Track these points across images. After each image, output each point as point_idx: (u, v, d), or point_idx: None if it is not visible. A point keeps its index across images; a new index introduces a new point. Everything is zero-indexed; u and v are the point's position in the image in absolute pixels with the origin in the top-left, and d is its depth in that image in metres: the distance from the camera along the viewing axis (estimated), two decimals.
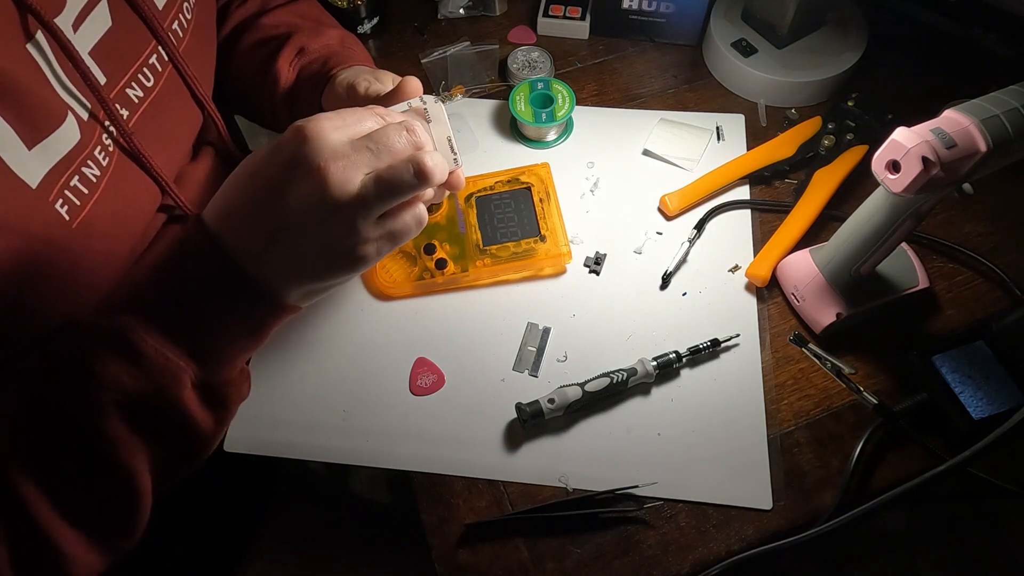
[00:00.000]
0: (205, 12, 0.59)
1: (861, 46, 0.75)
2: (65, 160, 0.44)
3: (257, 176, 0.41)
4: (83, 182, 0.46)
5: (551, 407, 0.56)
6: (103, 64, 0.47)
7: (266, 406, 0.60)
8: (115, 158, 0.49)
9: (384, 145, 0.41)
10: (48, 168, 0.43)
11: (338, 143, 0.40)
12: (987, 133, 0.45)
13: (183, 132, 0.59)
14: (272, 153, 0.40)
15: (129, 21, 0.49)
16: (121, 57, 0.49)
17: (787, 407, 0.59)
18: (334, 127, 0.40)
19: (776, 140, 0.71)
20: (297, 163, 0.39)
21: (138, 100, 0.50)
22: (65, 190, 0.44)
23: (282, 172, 0.39)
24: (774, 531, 0.54)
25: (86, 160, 0.46)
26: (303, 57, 0.62)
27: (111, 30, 0.48)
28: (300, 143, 0.39)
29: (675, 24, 0.81)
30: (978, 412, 0.55)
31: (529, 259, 0.64)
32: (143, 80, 0.51)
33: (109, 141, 0.48)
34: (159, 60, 0.52)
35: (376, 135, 0.41)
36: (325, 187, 0.39)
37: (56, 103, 0.43)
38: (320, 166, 0.39)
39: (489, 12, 0.86)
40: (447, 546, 0.54)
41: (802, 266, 0.61)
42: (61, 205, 0.44)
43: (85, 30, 0.45)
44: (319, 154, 0.39)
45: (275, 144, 0.40)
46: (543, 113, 0.72)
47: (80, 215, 0.46)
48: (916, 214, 0.52)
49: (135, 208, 0.52)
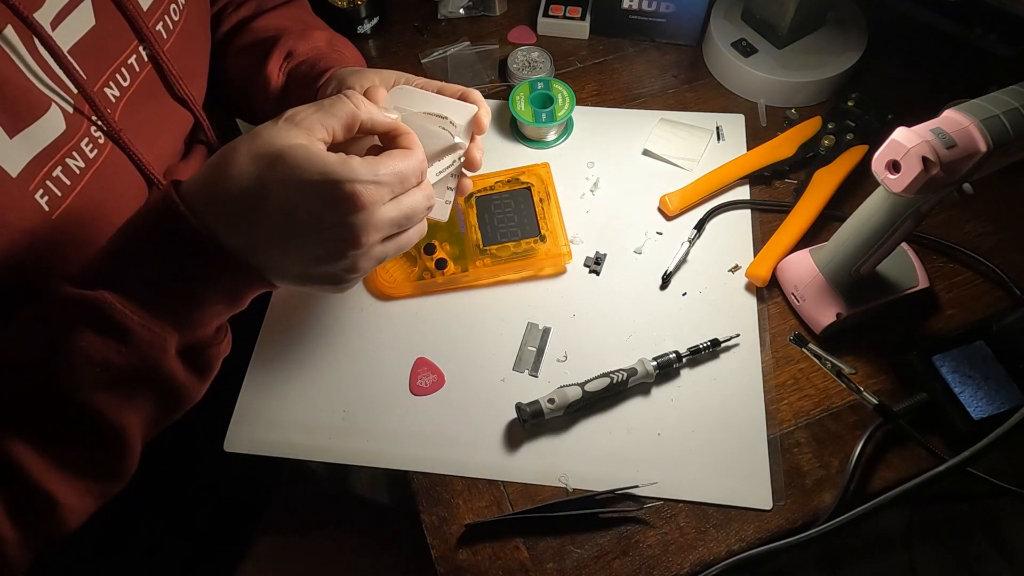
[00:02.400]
0: (195, 14, 0.59)
1: (861, 46, 0.75)
2: (49, 149, 0.44)
3: (270, 196, 0.40)
4: (66, 173, 0.46)
5: (551, 407, 0.56)
6: (83, 62, 0.47)
7: (266, 406, 0.60)
8: (106, 152, 0.49)
9: (413, 217, 0.45)
10: (30, 157, 0.43)
11: (386, 220, 0.43)
12: (987, 133, 0.45)
13: (170, 131, 0.59)
14: (303, 185, 0.40)
15: (113, 20, 0.49)
16: (100, 56, 0.49)
17: (787, 407, 0.59)
18: (388, 205, 0.43)
19: (776, 140, 0.71)
20: (337, 225, 0.41)
21: (115, 99, 0.51)
22: (47, 180, 0.44)
23: (311, 213, 0.40)
24: (774, 531, 0.54)
25: (71, 152, 0.46)
26: (291, 60, 0.62)
27: (94, 29, 0.48)
28: (351, 211, 0.40)
29: (675, 24, 0.81)
30: (978, 412, 0.55)
31: (529, 259, 0.64)
32: (120, 79, 0.51)
33: (99, 134, 0.48)
34: (138, 60, 0.52)
35: (410, 209, 0.44)
36: (350, 243, 0.42)
37: (36, 94, 0.43)
38: (359, 238, 0.41)
39: (489, 12, 0.86)
40: (447, 546, 0.54)
41: (802, 266, 0.61)
42: (42, 196, 0.44)
43: (65, 28, 0.45)
44: (364, 230, 0.41)
45: (307, 172, 0.40)
46: (543, 113, 0.72)
47: (61, 206, 0.46)
48: (916, 214, 0.52)
49: (120, 201, 0.52)
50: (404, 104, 0.50)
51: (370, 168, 0.41)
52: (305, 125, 0.41)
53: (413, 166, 0.44)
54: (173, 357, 0.42)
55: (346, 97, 0.43)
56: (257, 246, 0.41)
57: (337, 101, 0.43)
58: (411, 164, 0.44)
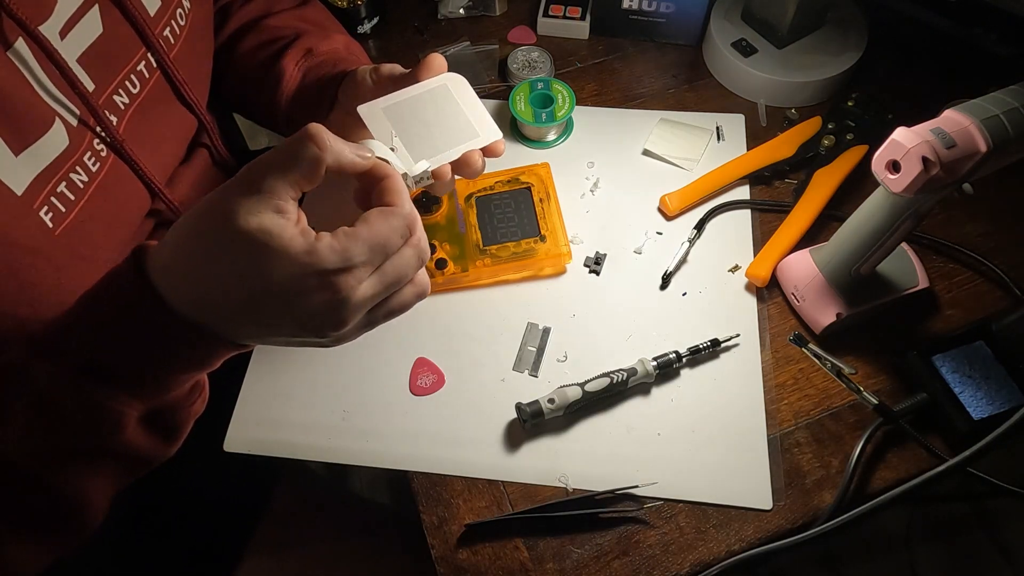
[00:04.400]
0: (200, 19, 0.59)
1: (861, 46, 0.75)
2: (52, 166, 0.44)
3: (238, 287, 0.36)
4: (70, 188, 0.45)
5: (551, 407, 0.56)
6: (91, 71, 0.47)
7: (266, 406, 0.60)
8: (108, 164, 0.49)
9: (400, 281, 0.40)
10: (35, 175, 0.43)
11: (367, 298, 0.38)
12: (987, 133, 0.45)
13: (175, 137, 0.59)
14: (270, 281, 0.35)
15: (120, 28, 0.49)
16: (109, 64, 0.49)
17: (787, 407, 0.59)
18: (367, 282, 0.37)
19: (776, 140, 0.71)
20: (312, 314, 0.36)
21: (124, 107, 0.50)
22: (52, 196, 0.44)
23: (284, 306, 0.36)
24: (774, 531, 0.54)
25: (74, 166, 0.45)
26: (310, 59, 0.62)
27: (101, 37, 0.48)
28: (326, 302, 0.36)
29: (675, 24, 0.81)
30: (978, 412, 0.55)
31: (529, 259, 0.64)
32: (129, 87, 0.51)
33: (101, 147, 0.48)
34: (147, 67, 0.52)
35: (395, 276, 0.39)
36: (330, 326, 0.38)
37: (43, 109, 0.43)
38: (338, 322, 0.37)
39: (489, 12, 0.86)
40: (447, 546, 0.54)
41: (802, 266, 0.61)
42: (46, 212, 0.44)
43: (73, 37, 0.45)
44: (342, 314, 0.37)
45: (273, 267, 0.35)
46: (543, 113, 0.72)
47: (64, 222, 0.45)
48: (916, 214, 0.52)
49: (123, 213, 0.52)
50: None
51: (341, 253, 0.36)
52: (267, 189, 0.35)
53: (395, 227, 0.38)
54: (134, 426, 0.39)
55: (309, 137, 0.36)
56: (227, 322, 0.38)
57: (299, 146, 0.36)
58: (393, 225, 0.38)
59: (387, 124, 0.49)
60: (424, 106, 0.51)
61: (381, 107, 0.50)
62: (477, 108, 0.52)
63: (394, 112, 0.50)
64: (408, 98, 0.51)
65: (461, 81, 0.52)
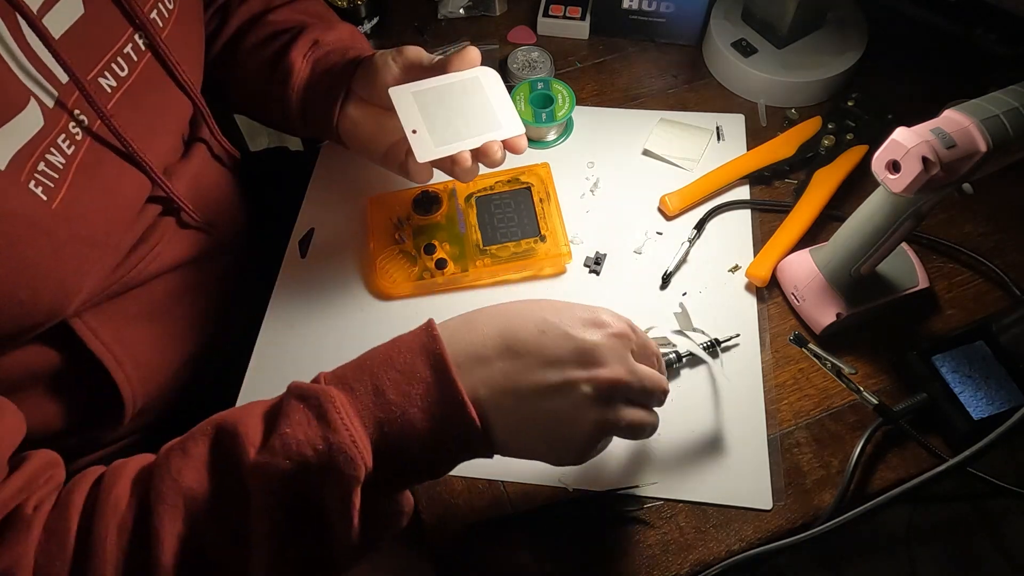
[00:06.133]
0: (189, 4, 0.58)
1: (861, 46, 0.75)
2: (28, 146, 0.43)
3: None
4: (50, 167, 0.45)
5: None
6: (73, 52, 0.46)
7: None
8: (84, 147, 0.48)
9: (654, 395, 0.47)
10: (13, 152, 0.42)
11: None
12: (987, 133, 0.45)
13: (170, 121, 0.58)
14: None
15: (104, 9, 0.49)
16: (92, 46, 0.48)
17: (787, 407, 0.59)
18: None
19: (776, 140, 0.71)
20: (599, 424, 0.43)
21: (111, 89, 0.50)
22: (35, 173, 0.44)
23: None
24: (774, 531, 0.54)
25: (49, 148, 0.45)
26: (317, 50, 0.62)
27: (83, 18, 0.47)
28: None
29: (675, 24, 0.81)
30: (978, 412, 0.55)
31: (529, 259, 0.64)
32: (116, 69, 0.50)
33: (77, 130, 0.47)
34: (135, 49, 0.52)
35: (652, 385, 0.46)
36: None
37: (17, 89, 0.42)
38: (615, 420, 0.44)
39: (489, 12, 0.86)
40: (447, 546, 0.54)
41: (802, 266, 0.61)
42: (35, 186, 0.44)
43: (53, 17, 0.45)
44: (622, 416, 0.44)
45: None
46: (543, 113, 0.72)
47: (57, 196, 0.45)
48: (916, 214, 0.52)
49: (119, 196, 0.51)
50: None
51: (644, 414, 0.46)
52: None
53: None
54: (358, 485, 0.39)
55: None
56: (513, 438, 0.43)
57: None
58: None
59: (415, 107, 0.51)
60: (453, 95, 0.53)
61: (412, 91, 0.52)
62: (505, 103, 0.53)
63: (423, 97, 0.51)
64: (439, 85, 0.53)
65: (493, 75, 0.54)
